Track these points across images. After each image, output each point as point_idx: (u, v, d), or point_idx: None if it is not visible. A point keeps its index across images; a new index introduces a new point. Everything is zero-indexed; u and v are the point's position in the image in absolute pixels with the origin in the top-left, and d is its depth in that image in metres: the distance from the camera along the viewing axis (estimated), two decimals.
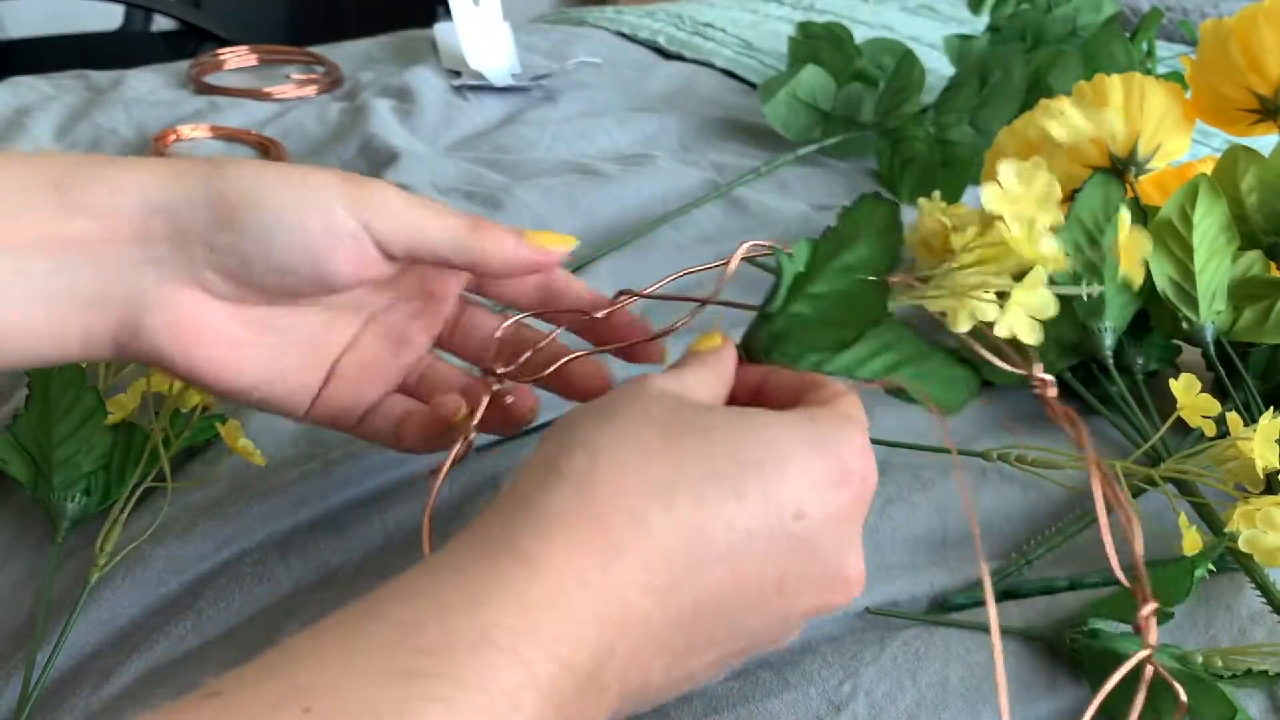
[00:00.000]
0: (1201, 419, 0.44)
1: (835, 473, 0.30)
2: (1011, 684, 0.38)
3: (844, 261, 0.36)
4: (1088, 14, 0.92)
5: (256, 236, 0.33)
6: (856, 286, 0.36)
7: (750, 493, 0.28)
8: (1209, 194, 0.50)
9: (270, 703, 0.22)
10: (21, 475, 0.45)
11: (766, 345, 0.36)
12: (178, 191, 0.32)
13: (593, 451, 0.28)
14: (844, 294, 0.36)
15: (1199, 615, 0.41)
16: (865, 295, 0.36)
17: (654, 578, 0.27)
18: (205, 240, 0.33)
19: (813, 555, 0.30)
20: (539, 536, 0.26)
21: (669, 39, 1.14)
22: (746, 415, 0.30)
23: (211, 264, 0.33)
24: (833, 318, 0.36)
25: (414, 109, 0.91)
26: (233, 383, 0.35)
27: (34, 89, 0.95)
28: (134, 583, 0.42)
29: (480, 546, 0.26)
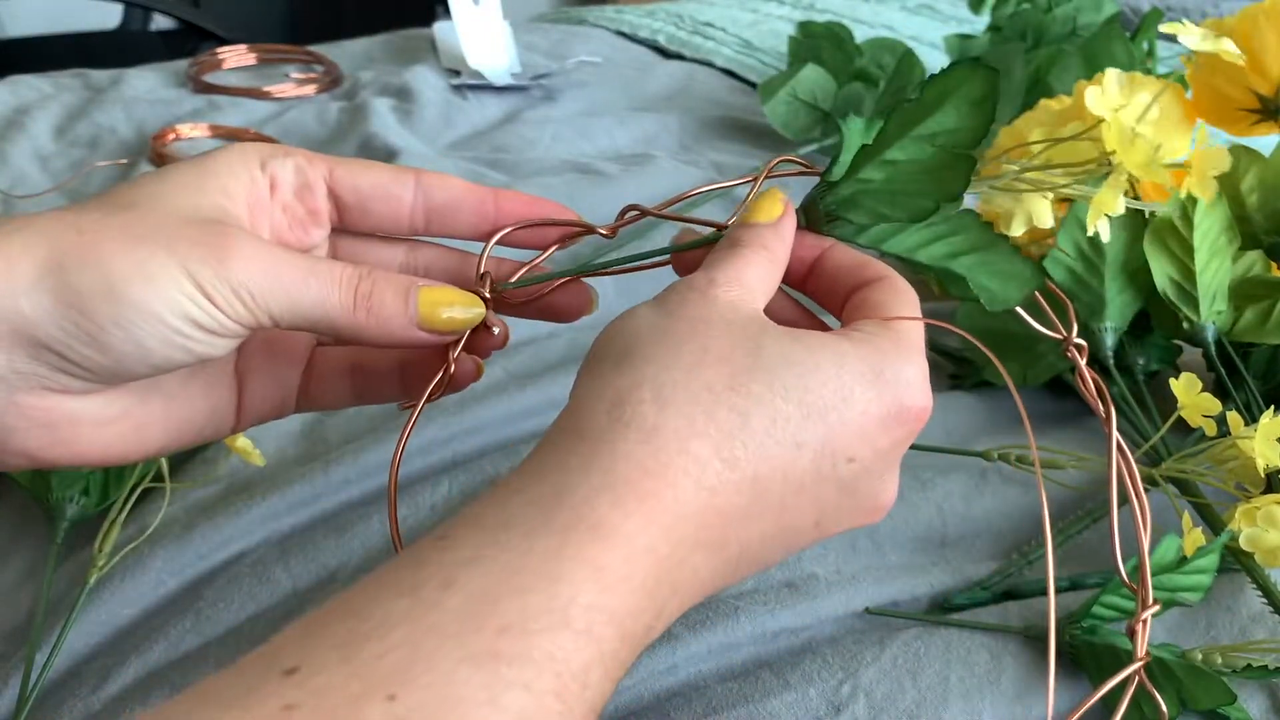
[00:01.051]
0: (1202, 418, 0.43)
1: (893, 413, 0.29)
2: (1011, 684, 0.38)
3: (928, 129, 0.33)
4: (1088, 14, 0.92)
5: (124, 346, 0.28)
6: (939, 156, 0.33)
7: (810, 441, 0.28)
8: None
9: (351, 688, 0.21)
10: (20, 475, 0.45)
11: (830, 211, 0.34)
12: (13, 297, 0.27)
13: (660, 399, 0.27)
14: (924, 163, 0.33)
15: (1199, 616, 0.41)
16: (948, 166, 0.33)
17: (709, 535, 0.27)
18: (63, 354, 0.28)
19: (853, 493, 0.30)
20: (613, 504, 0.25)
21: (669, 38, 1.14)
22: (813, 350, 0.29)
23: (73, 373, 0.29)
24: (909, 188, 0.33)
25: (413, 108, 0.91)
26: (139, 453, 0.32)
27: (33, 88, 0.95)
28: (133, 583, 0.42)
29: (549, 508, 0.25)
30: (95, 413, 0.30)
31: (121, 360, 0.28)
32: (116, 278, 0.27)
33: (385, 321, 0.30)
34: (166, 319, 0.28)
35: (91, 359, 0.28)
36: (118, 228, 0.28)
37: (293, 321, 0.30)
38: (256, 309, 0.29)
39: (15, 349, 0.28)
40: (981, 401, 0.54)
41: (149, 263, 0.28)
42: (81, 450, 0.30)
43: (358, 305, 0.30)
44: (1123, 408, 0.51)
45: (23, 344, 0.28)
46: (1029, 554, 0.44)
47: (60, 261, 0.27)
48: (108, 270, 0.27)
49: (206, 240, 0.28)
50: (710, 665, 0.39)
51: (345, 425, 0.52)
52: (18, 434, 0.29)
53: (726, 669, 0.39)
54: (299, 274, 0.29)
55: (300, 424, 0.51)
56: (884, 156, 0.33)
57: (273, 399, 0.35)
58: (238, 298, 0.28)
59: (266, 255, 0.29)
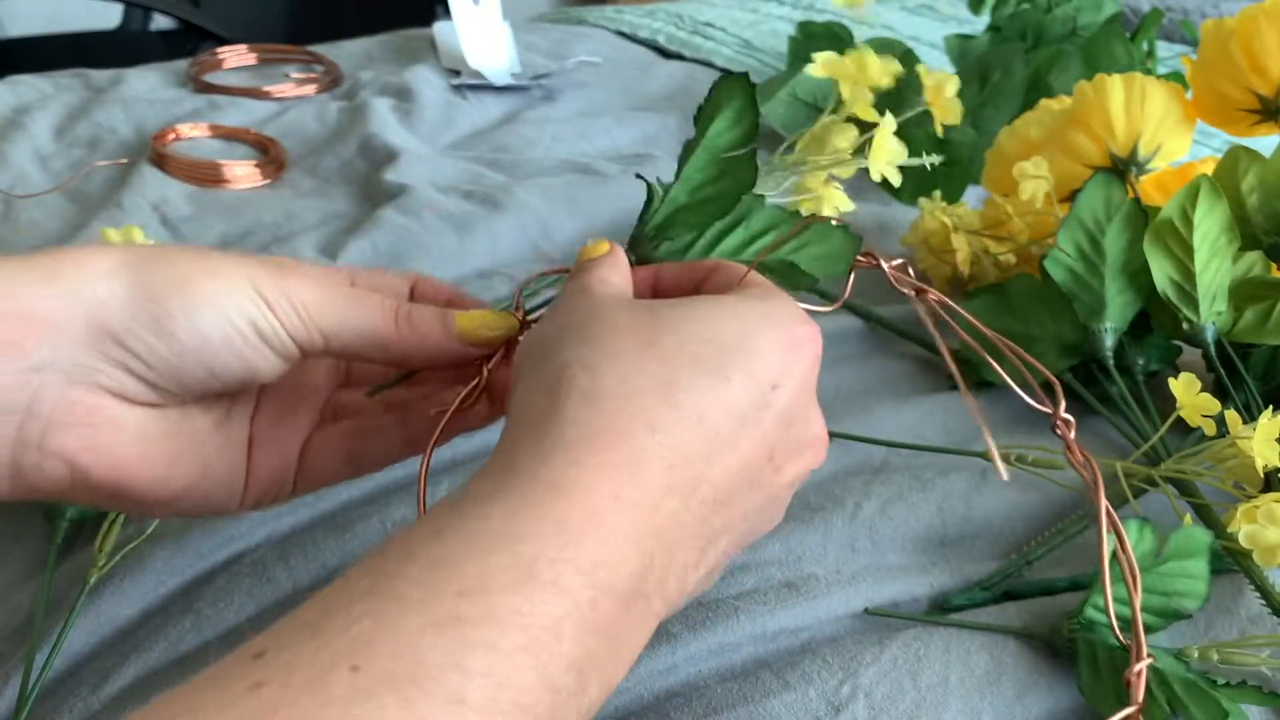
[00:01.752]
0: (1201, 418, 0.44)
1: (792, 341, 0.31)
2: (1011, 684, 0.38)
3: (709, 142, 0.39)
4: (1088, 14, 0.92)
5: (189, 339, 0.30)
6: (724, 163, 0.39)
7: (734, 374, 0.29)
8: (1210, 194, 0.50)
9: (317, 663, 0.21)
10: None
11: (653, 237, 0.39)
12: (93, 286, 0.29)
13: (592, 368, 0.28)
14: (714, 171, 0.39)
15: (1199, 617, 0.41)
16: (733, 167, 0.39)
17: (676, 476, 0.27)
18: (131, 345, 0.29)
19: (790, 422, 0.31)
20: (566, 461, 0.26)
21: (669, 38, 1.14)
22: (705, 303, 0.31)
23: (135, 371, 0.30)
24: (707, 195, 0.39)
25: (413, 108, 0.91)
26: (165, 492, 0.32)
27: (33, 88, 0.95)
28: (132, 583, 0.42)
29: (504, 480, 0.26)
30: (137, 425, 0.31)
31: (182, 355, 0.30)
32: (189, 273, 0.30)
33: (425, 335, 0.33)
34: (232, 316, 0.30)
35: (154, 349, 0.29)
36: (190, 249, 0.31)
37: (340, 339, 0.32)
38: (310, 324, 0.31)
39: (81, 338, 0.29)
40: (981, 401, 0.54)
41: (219, 268, 0.30)
42: (113, 463, 0.31)
43: (399, 323, 0.33)
44: (1122, 408, 0.51)
45: (91, 333, 0.29)
46: (1029, 554, 0.44)
47: (136, 259, 0.30)
48: (181, 268, 0.30)
49: (270, 263, 0.31)
50: (710, 665, 0.39)
51: None
52: (61, 430, 0.29)
53: (726, 669, 0.39)
54: (348, 297, 0.32)
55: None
56: (683, 175, 0.39)
57: (276, 472, 0.36)
58: (295, 312, 0.31)
59: (321, 279, 0.32)
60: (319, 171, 0.82)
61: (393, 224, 0.70)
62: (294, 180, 0.81)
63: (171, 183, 0.78)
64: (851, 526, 0.44)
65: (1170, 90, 0.58)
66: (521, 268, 0.67)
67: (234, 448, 0.34)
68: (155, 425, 0.31)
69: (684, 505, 0.28)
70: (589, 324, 0.30)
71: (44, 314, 0.28)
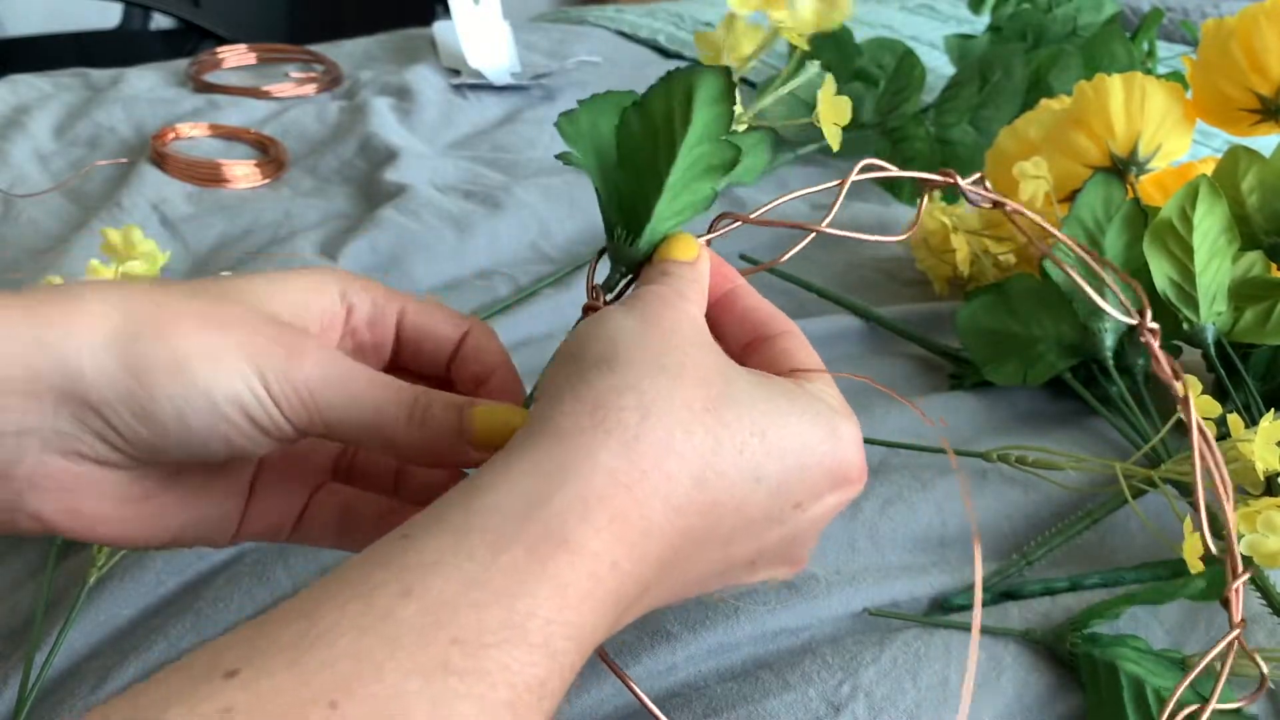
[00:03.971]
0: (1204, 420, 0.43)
1: (841, 471, 0.31)
2: (1011, 687, 0.38)
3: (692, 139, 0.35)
4: (1088, 14, 0.92)
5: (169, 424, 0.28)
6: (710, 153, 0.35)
7: (768, 480, 0.29)
8: (1210, 194, 0.50)
9: (295, 698, 0.20)
10: None
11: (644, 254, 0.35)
12: (76, 353, 0.28)
13: (644, 408, 0.27)
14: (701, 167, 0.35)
15: (1199, 617, 0.41)
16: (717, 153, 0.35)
17: (669, 555, 0.27)
18: (109, 419, 0.28)
19: (791, 541, 0.31)
20: (583, 518, 0.25)
21: (669, 38, 1.14)
22: (780, 392, 0.30)
23: (111, 441, 0.29)
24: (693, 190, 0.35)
25: (413, 108, 0.91)
26: (150, 540, 0.32)
27: (33, 87, 0.95)
28: (132, 583, 0.42)
29: (518, 518, 0.25)
30: (119, 489, 0.30)
31: (163, 437, 0.28)
32: (184, 355, 0.28)
33: (437, 437, 0.31)
34: (221, 405, 0.28)
35: (133, 430, 0.28)
36: (196, 311, 0.29)
37: (345, 428, 0.30)
38: (314, 411, 0.29)
39: (61, 407, 0.28)
40: (981, 401, 0.54)
41: (220, 350, 0.28)
42: (93, 525, 0.30)
43: (412, 418, 0.30)
44: (1122, 409, 0.51)
45: (71, 403, 0.28)
46: (1029, 554, 0.44)
47: (133, 330, 0.28)
48: (176, 347, 0.28)
49: (281, 339, 0.29)
50: (710, 665, 0.39)
51: None
52: (37, 494, 0.29)
53: (726, 669, 0.39)
54: (363, 382, 0.30)
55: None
56: (667, 183, 0.34)
57: (272, 521, 0.34)
58: (299, 397, 0.29)
59: (335, 360, 0.30)
60: (319, 171, 0.82)
61: (393, 224, 0.70)
62: (294, 180, 0.81)
63: (171, 182, 0.78)
64: (851, 526, 0.44)
65: (1170, 90, 0.58)
66: (521, 268, 0.67)
67: (228, 502, 0.34)
68: (138, 487, 0.31)
69: (660, 580, 0.28)
70: (666, 351, 0.28)
71: (29, 382, 0.27)
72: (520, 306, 0.62)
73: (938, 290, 0.64)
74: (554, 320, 0.61)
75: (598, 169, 0.35)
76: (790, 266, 0.62)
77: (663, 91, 0.35)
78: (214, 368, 0.28)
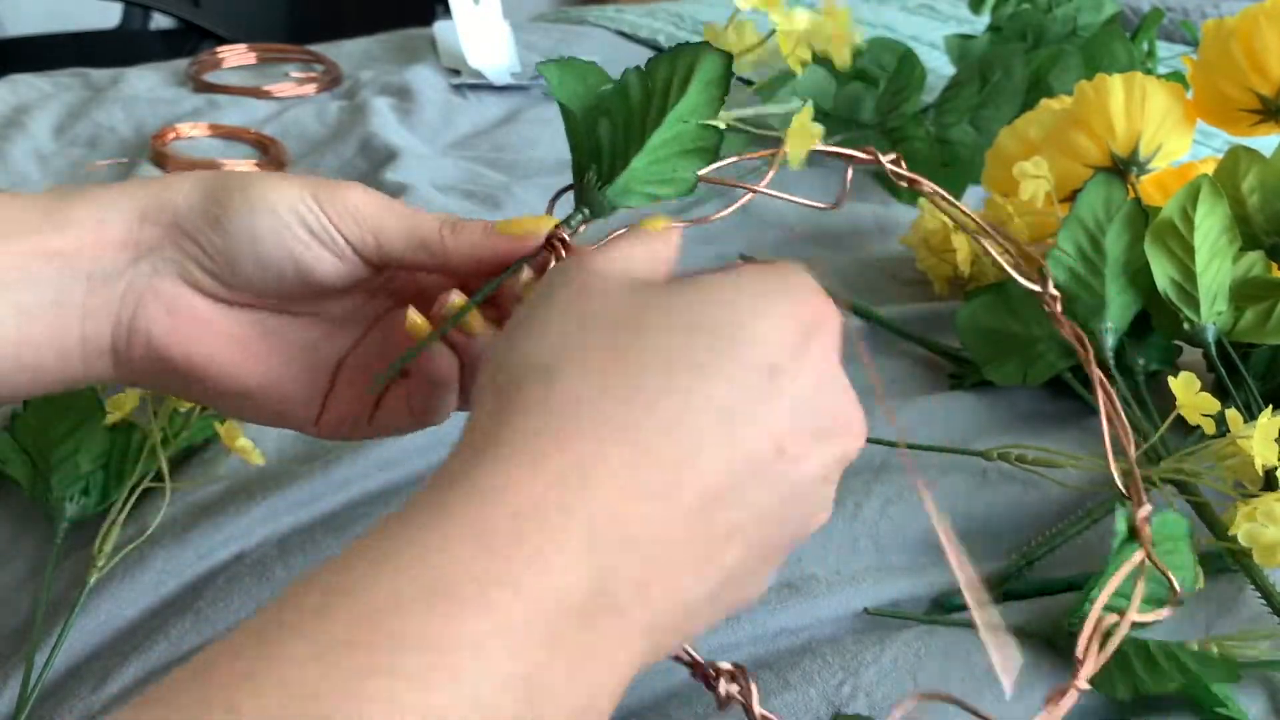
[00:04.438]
0: (1201, 417, 0.44)
1: (796, 323, 0.28)
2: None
3: (679, 113, 0.37)
4: (1088, 14, 0.92)
5: (242, 235, 0.34)
6: (691, 131, 0.37)
7: (717, 367, 0.27)
8: (1210, 194, 0.50)
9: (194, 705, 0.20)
10: (20, 475, 0.45)
11: (612, 204, 0.37)
12: (173, 193, 0.34)
13: (549, 372, 0.26)
14: (680, 140, 0.37)
15: (1199, 617, 0.41)
16: (699, 138, 0.37)
17: (645, 480, 0.25)
18: (196, 238, 0.34)
19: (804, 410, 0.28)
20: (498, 471, 0.24)
21: (669, 38, 1.14)
22: (696, 284, 0.29)
23: (202, 263, 0.34)
24: (672, 166, 0.37)
25: (413, 108, 0.91)
26: (235, 383, 0.35)
27: (33, 87, 0.95)
28: (133, 583, 0.42)
29: (431, 494, 0.24)
30: (216, 321, 0.35)
31: (235, 246, 0.34)
32: (251, 182, 0.34)
33: (467, 235, 0.35)
34: (282, 213, 0.34)
35: (212, 240, 0.34)
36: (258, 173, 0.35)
37: (391, 243, 0.35)
38: (364, 225, 0.34)
39: (166, 238, 0.34)
40: (981, 401, 0.54)
41: (281, 180, 0.35)
42: (189, 350, 0.35)
43: (445, 225, 0.35)
44: (1122, 409, 0.51)
45: (173, 233, 0.34)
46: (1029, 554, 0.44)
47: (211, 177, 0.35)
48: (246, 179, 0.35)
49: (329, 181, 0.35)
50: None
51: None
52: (147, 312, 0.34)
53: None
54: (400, 206, 0.35)
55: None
56: (648, 143, 0.37)
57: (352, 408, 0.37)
58: (349, 214, 0.34)
59: (375, 195, 0.35)
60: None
61: None
62: None
63: None
64: (852, 527, 0.44)
65: (1170, 90, 0.58)
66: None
67: (317, 371, 0.37)
68: (235, 326, 0.36)
69: (659, 510, 0.25)
70: (568, 310, 0.28)
71: (139, 218, 0.34)
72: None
73: (938, 290, 0.64)
74: None
75: (578, 112, 0.37)
76: None
77: (668, 61, 0.37)
78: (275, 188, 0.34)
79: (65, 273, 0.33)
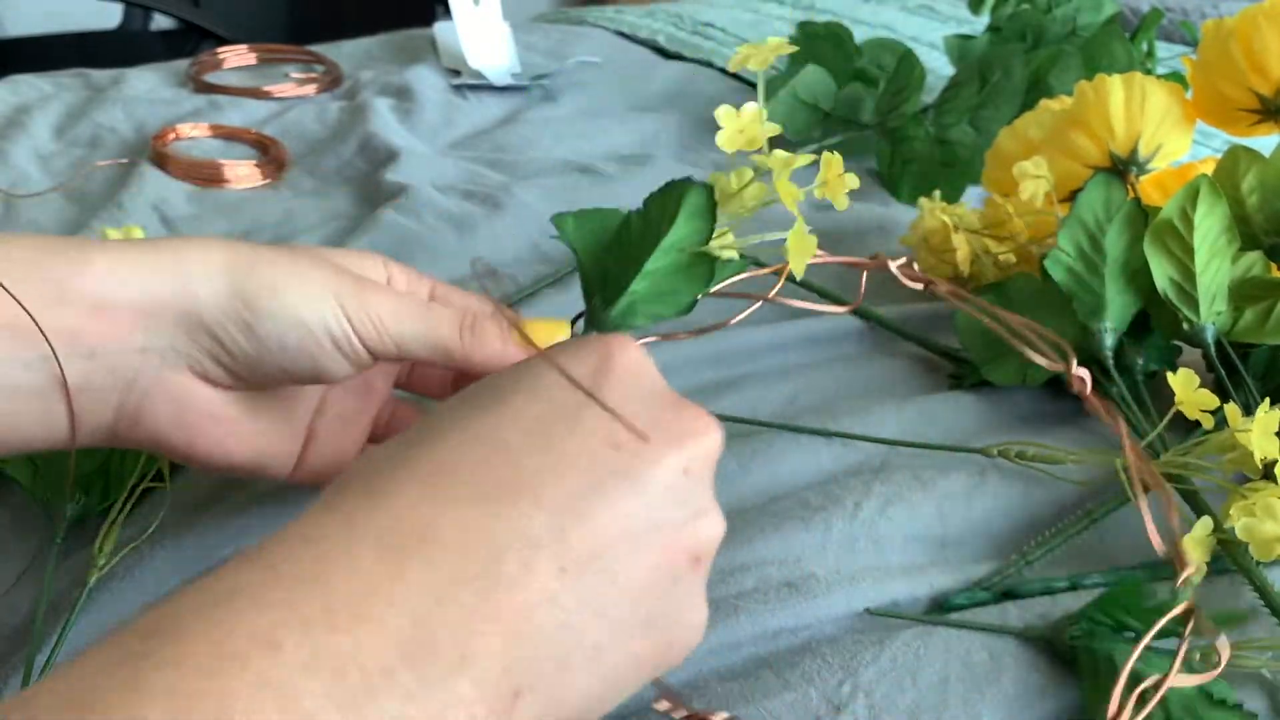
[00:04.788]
0: (1200, 413, 0.44)
1: (606, 353, 0.30)
2: (1011, 683, 0.38)
3: (670, 241, 0.42)
4: (1088, 14, 0.92)
5: (269, 341, 0.34)
6: (683, 259, 0.43)
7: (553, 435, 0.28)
8: (1210, 194, 0.50)
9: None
10: (20, 475, 0.45)
11: (617, 324, 0.42)
12: (195, 284, 0.33)
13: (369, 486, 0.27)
14: (674, 267, 0.43)
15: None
16: (692, 265, 0.43)
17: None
18: (220, 338, 0.34)
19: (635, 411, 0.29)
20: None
21: (669, 38, 1.14)
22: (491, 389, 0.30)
23: (220, 360, 0.34)
24: (669, 288, 0.43)
25: (414, 108, 0.91)
26: (225, 462, 0.37)
27: (33, 87, 0.95)
28: (133, 583, 0.42)
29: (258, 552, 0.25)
30: (219, 408, 0.35)
31: (262, 353, 0.34)
32: (282, 285, 0.34)
33: (485, 344, 0.36)
34: (311, 325, 0.34)
35: (240, 347, 0.34)
36: (287, 255, 0.35)
37: (411, 348, 0.35)
38: (385, 335, 0.35)
39: (179, 329, 0.33)
40: (981, 401, 0.54)
41: (308, 281, 0.34)
42: (189, 435, 0.35)
43: (464, 334, 0.36)
44: (1122, 409, 0.51)
45: (187, 326, 0.33)
46: (1028, 554, 0.44)
47: (236, 263, 0.33)
48: (274, 277, 0.34)
49: (353, 280, 0.35)
50: (710, 665, 0.39)
51: None
52: (153, 406, 0.34)
53: (726, 668, 0.39)
54: (419, 311, 0.36)
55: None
56: (644, 269, 0.42)
57: (327, 462, 0.39)
58: (372, 324, 0.34)
59: (395, 296, 0.36)
60: (319, 171, 0.82)
61: (393, 224, 0.70)
62: (294, 180, 0.81)
63: (172, 183, 0.78)
64: (851, 526, 0.44)
65: (1170, 90, 0.58)
66: (521, 268, 0.67)
67: (292, 436, 0.39)
68: (229, 406, 0.36)
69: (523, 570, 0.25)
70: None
71: (153, 304, 0.33)
72: (520, 306, 0.62)
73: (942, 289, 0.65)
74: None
75: (584, 251, 0.43)
76: None
77: (660, 197, 0.43)
78: (304, 295, 0.34)
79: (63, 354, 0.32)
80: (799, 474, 0.48)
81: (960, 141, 0.79)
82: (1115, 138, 0.58)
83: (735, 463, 0.47)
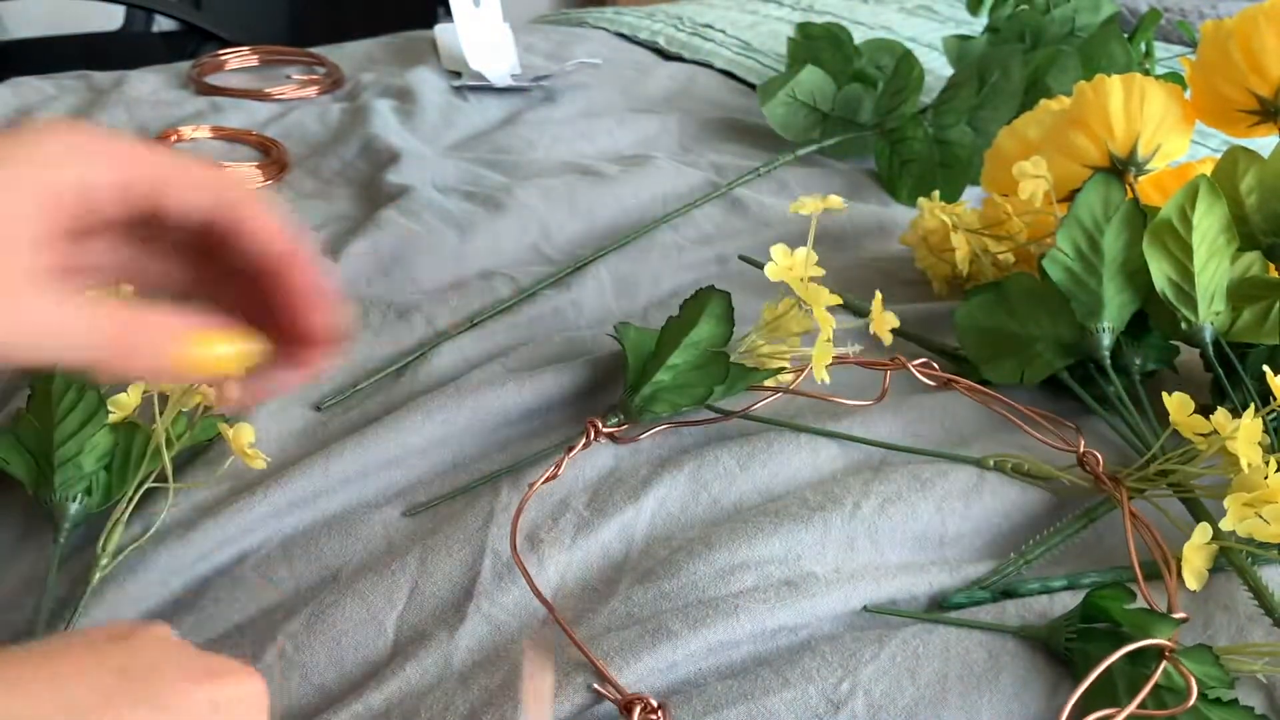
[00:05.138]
0: (1194, 435, 0.44)
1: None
2: (1009, 682, 0.38)
3: (692, 339, 0.50)
4: (1086, 14, 0.92)
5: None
6: (704, 357, 0.50)
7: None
8: (1208, 195, 0.50)
9: None
10: (23, 475, 0.45)
11: (641, 407, 0.49)
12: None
13: None
14: (695, 362, 0.49)
15: (1197, 616, 0.42)
16: (712, 363, 0.49)
17: None
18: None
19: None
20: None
21: (669, 40, 1.14)
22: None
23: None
24: (689, 381, 0.49)
25: (414, 109, 0.91)
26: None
27: (36, 89, 0.95)
28: (136, 583, 0.42)
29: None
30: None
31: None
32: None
33: (148, 352, 0.28)
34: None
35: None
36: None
37: (62, 352, 0.28)
38: (21, 345, 0.27)
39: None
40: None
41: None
42: None
43: (118, 353, 0.28)
44: (1119, 408, 0.51)
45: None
46: (1028, 554, 0.44)
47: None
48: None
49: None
50: (710, 663, 0.39)
51: (349, 425, 0.52)
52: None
53: (726, 667, 0.39)
54: (76, 313, 0.27)
55: (303, 424, 0.52)
56: (667, 363, 0.49)
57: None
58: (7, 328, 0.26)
59: (45, 295, 0.27)
60: (321, 173, 0.82)
61: (394, 225, 0.70)
62: (296, 181, 0.81)
63: None
64: (851, 525, 0.45)
65: (1169, 91, 0.59)
66: (522, 268, 0.67)
67: None
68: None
69: None
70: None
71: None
72: (520, 307, 0.62)
73: (936, 290, 0.65)
74: (554, 321, 0.62)
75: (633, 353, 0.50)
76: None
77: (692, 301, 0.51)
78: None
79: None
80: (799, 474, 0.48)
81: (959, 142, 0.79)
82: (1114, 138, 0.58)
83: (735, 462, 0.47)
